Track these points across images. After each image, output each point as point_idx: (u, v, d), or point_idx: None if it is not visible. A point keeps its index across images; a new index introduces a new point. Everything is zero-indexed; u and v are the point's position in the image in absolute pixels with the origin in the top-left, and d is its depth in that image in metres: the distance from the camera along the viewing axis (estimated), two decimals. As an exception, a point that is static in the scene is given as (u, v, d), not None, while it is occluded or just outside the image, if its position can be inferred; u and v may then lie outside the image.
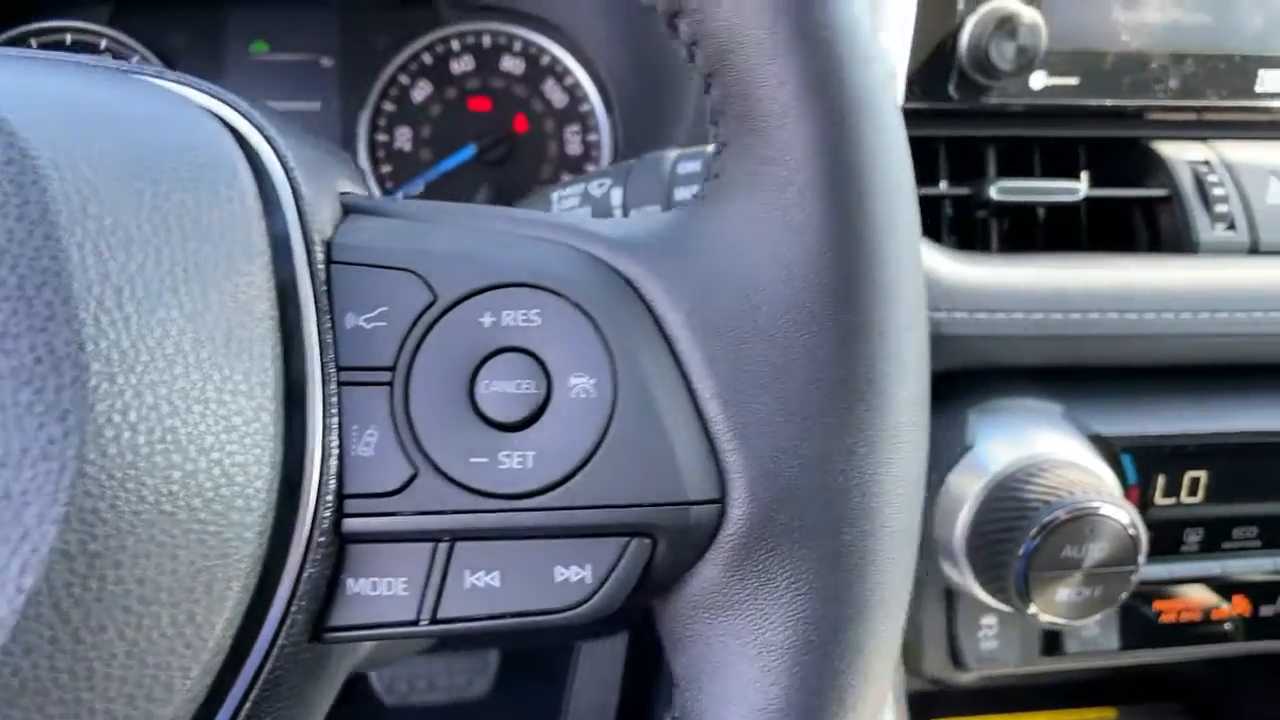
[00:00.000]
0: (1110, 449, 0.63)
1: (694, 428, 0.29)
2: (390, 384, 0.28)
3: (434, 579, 0.28)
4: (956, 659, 0.73)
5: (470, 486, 0.28)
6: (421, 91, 0.92)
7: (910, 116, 0.65)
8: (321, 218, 0.30)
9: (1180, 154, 0.68)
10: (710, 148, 0.53)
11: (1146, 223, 0.70)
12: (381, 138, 0.92)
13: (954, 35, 0.63)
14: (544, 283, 0.29)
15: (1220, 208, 0.66)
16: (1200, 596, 0.76)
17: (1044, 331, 0.61)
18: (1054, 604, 0.57)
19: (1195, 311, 0.62)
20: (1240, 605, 0.76)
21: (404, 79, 0.92)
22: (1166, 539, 0.66)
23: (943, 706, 1.05)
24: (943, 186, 0.68)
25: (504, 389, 0.29)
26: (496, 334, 0.29)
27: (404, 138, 0.92)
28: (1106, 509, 0.55)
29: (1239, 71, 0.67)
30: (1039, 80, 0.65)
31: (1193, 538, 0.66)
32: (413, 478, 0.28)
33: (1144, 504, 0.64)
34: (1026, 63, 0.61)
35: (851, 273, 0.28)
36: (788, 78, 0.28)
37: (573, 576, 0.28)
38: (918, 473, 0.30)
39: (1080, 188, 0.66)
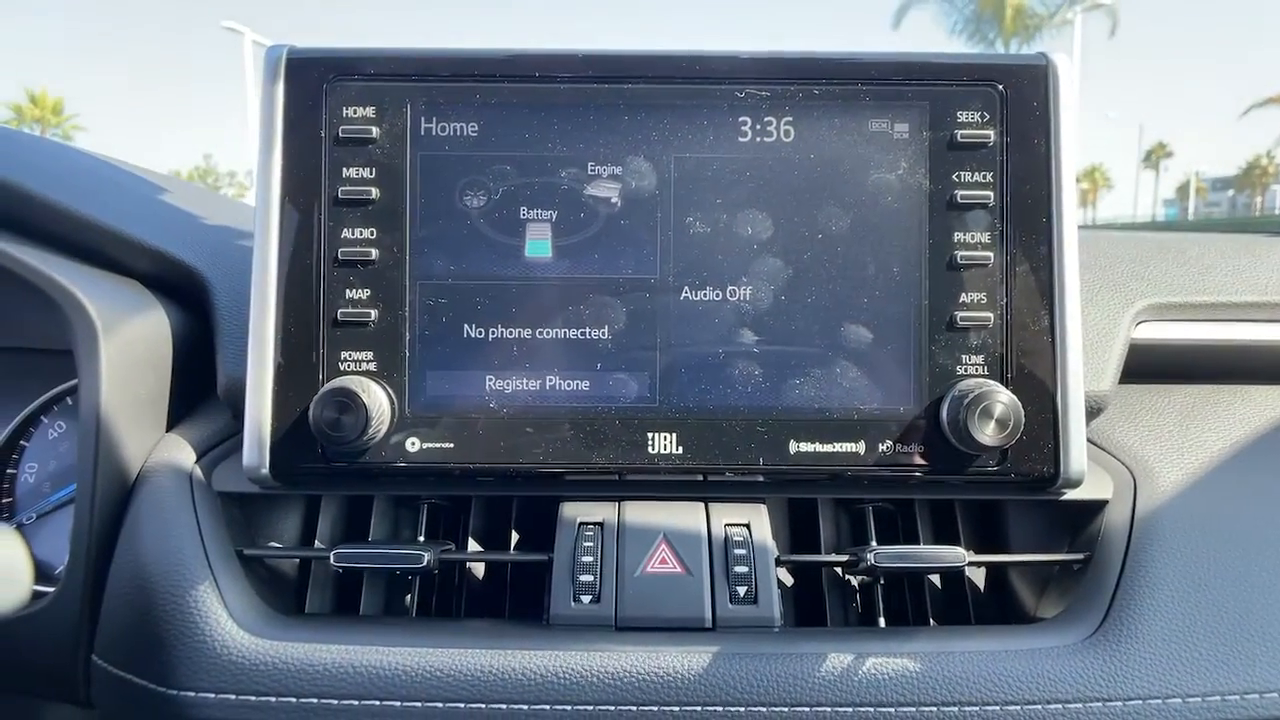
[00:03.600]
0: None
1: None
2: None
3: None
4: None
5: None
6: (56, 430, 1.00)
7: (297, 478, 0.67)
8: None
9: (577, 515, 0.66)
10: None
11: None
12: (11, 471, 0.98)
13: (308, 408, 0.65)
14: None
15: (585, 577, 0.62)
16: None
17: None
18: None
19: (486, 702, 0.56)
20: None
21: (44, 418, 1.00)
22: None
23: None
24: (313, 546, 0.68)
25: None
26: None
27: (30, 471, 0.99)
28: None
29: (625, 432, 0.66)
30: (414, 445, 0.66)
31: None
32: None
33: None
34: (357, 435, 0.63)
35: None
36: None
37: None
38: None
39: (425, 555, 0.64)
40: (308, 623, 0.63)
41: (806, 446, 0.66)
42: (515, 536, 0.70)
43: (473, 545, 0.70)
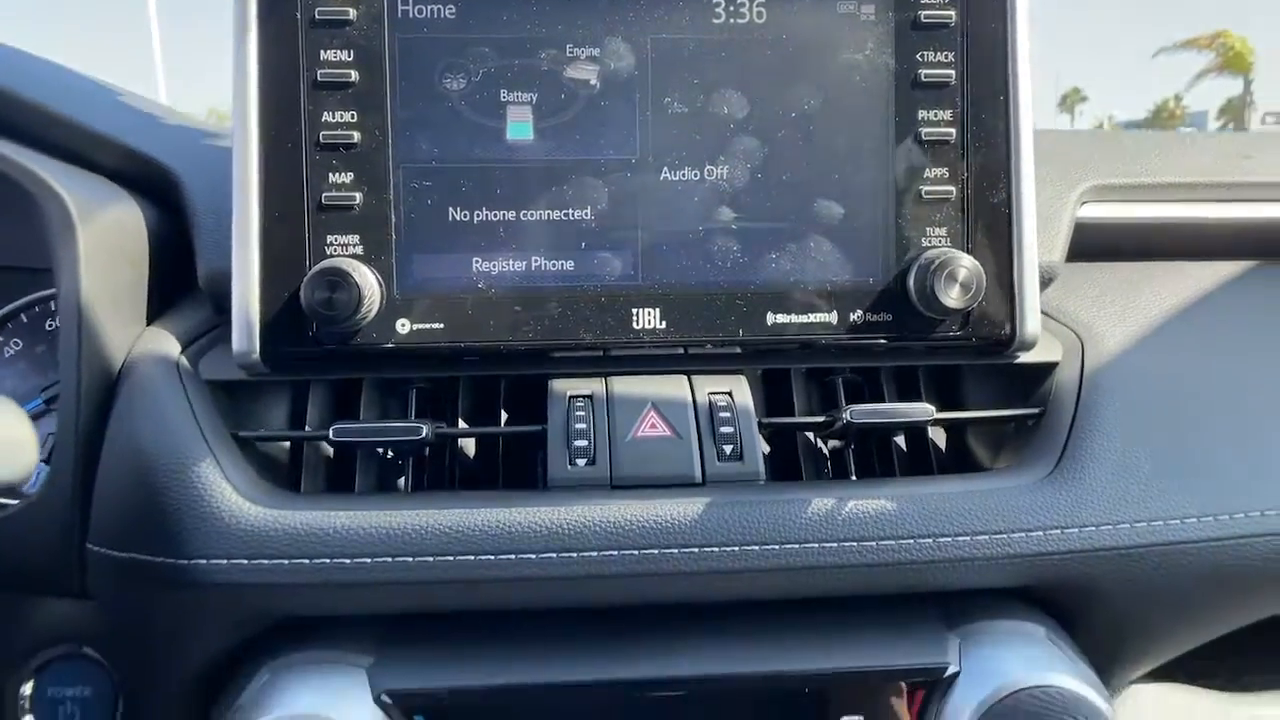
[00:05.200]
0: (405, 711, 0.58)
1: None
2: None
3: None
4: None
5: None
6: (13, 348, 0.98)
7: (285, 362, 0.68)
8: None
9: (567, 389, 0.69)
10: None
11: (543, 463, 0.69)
12: (-34, 390, 0.96)
13: (299, 289, 0.66)
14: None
15: (580, 442, 0.65)
16: None
17: (333, 578, 0.59)
18: None
19: (478, 554, 0.59)
20: None
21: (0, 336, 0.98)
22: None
23: None
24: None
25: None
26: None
27: (-14, 393, 0.96)
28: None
29: (610, 309, 0.68)
30: (403, 326, 0.67)
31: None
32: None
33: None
34: (350, 313, 0.64)
35: None
36: None
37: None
38: None
39: (423, 428, 0.66)
40: (309, 497, 0.64)
41: (782, 318, 0.69)
42: (505, 417, 0.73)
43: (462, 425, 0.72)
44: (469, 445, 0.73)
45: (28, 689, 0.70)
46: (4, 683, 0.70)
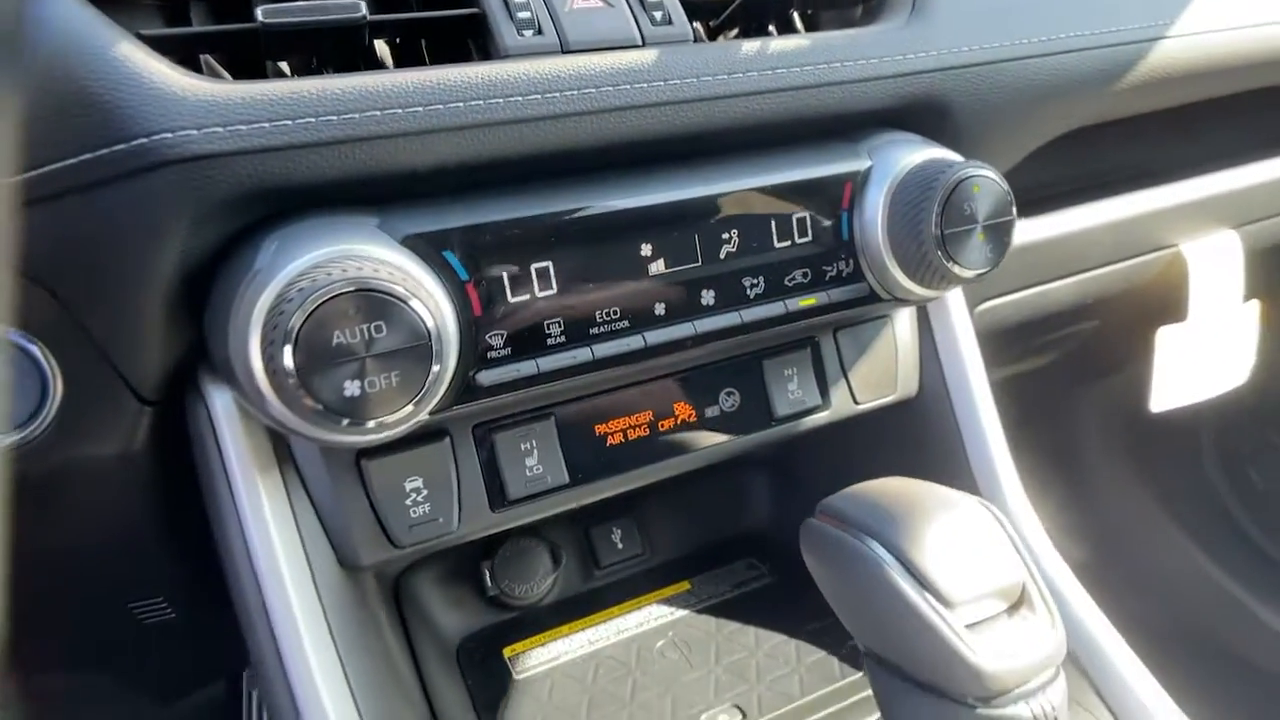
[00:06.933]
0: (432, 248, 0.60)
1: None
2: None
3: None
4: (389, 536, 0.66)
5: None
6: None
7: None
8: None
9: None
10: None
11: (478, 47, 0.69)
12: None
13: None
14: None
15: (522, 14, 0.67)
16: (643, 414, 0.76)
17: (322, 135, 0.57)
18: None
19: (478, 99, 0.61)
20: (684, 412, 0.77)
21: None
22: (529, 336, 0.64)
23: (519, 631, 0.99)
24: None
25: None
26: None
27: None
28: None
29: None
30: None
31: (555, 329, 0.65)
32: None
33: (488, 301, 0.62)
34: None
35: None
36: None
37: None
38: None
39: (361, 5, 0.63)
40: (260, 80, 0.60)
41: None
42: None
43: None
44: (387, 57, 0.71)
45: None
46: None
